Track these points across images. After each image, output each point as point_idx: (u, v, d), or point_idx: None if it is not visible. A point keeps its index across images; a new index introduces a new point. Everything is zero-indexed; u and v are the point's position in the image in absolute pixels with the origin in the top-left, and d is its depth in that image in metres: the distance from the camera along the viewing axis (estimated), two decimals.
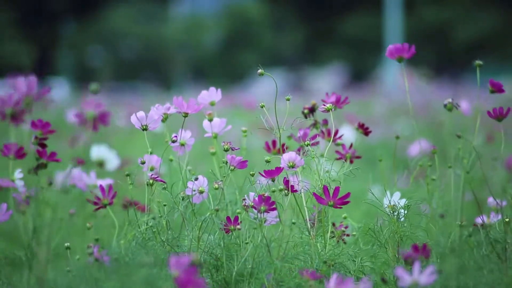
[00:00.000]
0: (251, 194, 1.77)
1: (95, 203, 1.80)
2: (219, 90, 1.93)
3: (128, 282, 1.49)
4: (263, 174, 1.77)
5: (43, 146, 1.81)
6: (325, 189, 1.73)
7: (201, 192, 1.79)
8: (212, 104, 1.93)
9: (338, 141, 1.95)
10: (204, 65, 26.45)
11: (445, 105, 1.87)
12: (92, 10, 27.09)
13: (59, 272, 1.62)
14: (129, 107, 8.11)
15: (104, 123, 1.65)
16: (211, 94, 1.93)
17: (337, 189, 1.73)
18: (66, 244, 1.81)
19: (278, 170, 1.77)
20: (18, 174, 1.87)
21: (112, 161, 2.61)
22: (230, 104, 8.02)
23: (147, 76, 25.61)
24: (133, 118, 1.81)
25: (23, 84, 1.66)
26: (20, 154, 1.82)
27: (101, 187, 1.81)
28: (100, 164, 2.60)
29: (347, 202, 1.73)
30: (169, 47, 26.10)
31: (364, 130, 2.00)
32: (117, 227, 1.75)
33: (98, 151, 2.60)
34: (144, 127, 1.81)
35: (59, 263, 2.05)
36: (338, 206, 1.73)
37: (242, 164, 1.81)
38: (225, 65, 26.20)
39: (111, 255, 1.66)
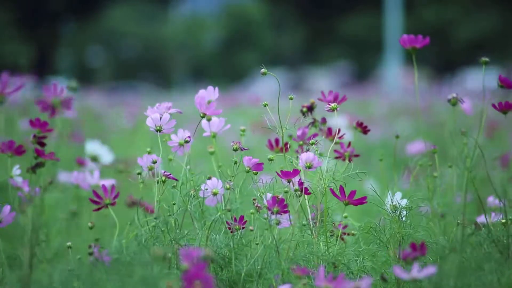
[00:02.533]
0: (268, 194, 1.76)
1: (96, 203, 1.79)
2: (216, 88, 1.94)
3: (129, 281, 1.48)
4: (280, 174, 1.76)
5: (42, 144, 1.81)
6: (341, 189, 1.74)
7: (215, 194, 1.79)
8: (209, 102, 1.93)
9: (337, 139, 1.95)
10: (204, 65, 26.45)
11: (449, 100, 1.87)
12: (92, 10, 27.09)
13: (59, 271, 1.62)
14: (129, 107, 8.11)
15: (67, 109, 1.65)
16: (209, 93, 1.93)
17: (353, 192, 1.74)
18: (67, 244, 1.80)
19: (296, 172, 1.76)
20: (16, 171, 1.86)
21: (105, 156, 2.60)
22: (230, 104, 8.01)
23: (147, 76, 25.61)
24: (148, 121, 1.81)
25: None
26: (19, 151, 1.82)
27: (104, 187, 1.80)
28: (94, 159, 2.59)
29: (363, 203, 1.74)
30: (169, 47, 26.10)
31: (362, 128, 1.99)
32: (118, 226, 1.74)
33: (92, 147, 2.60)
34: (158, 128, 1.82)
35: (59, 262, 2.05)
36: (354, 205, 1.74)
37: (258, 166, 1.80)
38: (225, 65, 26.20)
39: (112, 255, 1.65)
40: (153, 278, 1.47)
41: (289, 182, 1.77)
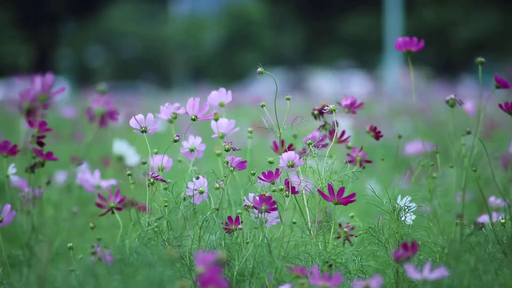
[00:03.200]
0: (251, 194, 1.76)
1: (101, 206, 1.77)
2: (229, 91, 1.92)
3: (132, 282, 1.48)
4: (262, 177, 1.76)
5: (41, 144, 1.80)
6: (330, 187, 1.73)
7: (201, 193, 1.79)
8: (221, 105, 1.92)
9: (349, 144, 1.95)
10: (204, 65, 26.46)
11: (447, 101, 1.86)
12: (92, 10, 27.09)
13: (60, 271, 1.62)
14: (129, 107, 8.11)
15: (112, 120, 1.64)
16: (221, 95, 1.92)
17: (342, 189, 1.73)
18: (69, 244, 1.80)
19: (277, 173, 1.76)
20: (11, 170, 1.86)
21: (132, 156, 2.59)
22: (230, 104, 7.98)
23: (147, 76, 25.61)
24: (132, 121, 1.80)
25: (40, 81, 1.66)
26: (13, 151, 1.81)
27: (110, 191, 1.78)
28: (120, 159, 2.58)
29: (352, 201, 1.73)
30: (169, 47, 26.10)
31: (376, 133, 1.99)
32: (121, 227, 1.74)
33: (119, 147, 2.58)
34: (143, 129, 1.80)
35: (59, 262, 2.05)
36: (343, 204, 1.73)
37: (241, 164, 1.80)
38: (225, 65, 26.20)
39: (114, 255, 1.65)
40: (160, 280, 1.47)
41: (272, 183, 1.77)
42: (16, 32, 24.71)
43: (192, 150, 1.85)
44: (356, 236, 1.89)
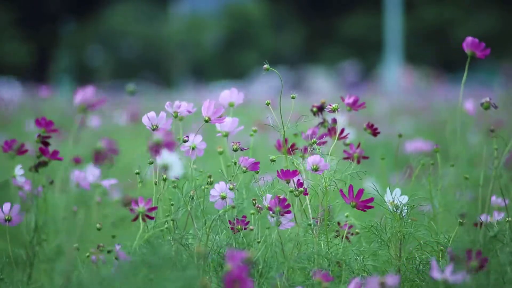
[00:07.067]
0: (268, 196, 1.75)
1: (132, 211, 1.72)
2: (241, 92, 1.93)
3: (157, 281, 1.49)
4: (280, 175, 1.76)
5: (46, 144, 1.81)
6: (350, 188, 1.73)
7: (223, 198, 1.79)
8: (231, 105, 1.93)
9: (347, 141, 1.95)
10: (204, 65, 26.45)
11: (481, 104, 1.90)
12: (92, 10, 27.09)
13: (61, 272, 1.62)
14: (130, 106, 8.11)
15: (170, 150, 1.65)
16: (232, 95, 1.92)
17: (360, 191, 1.73)
18: (75, 245, 1.81)
19: (295, 172, 1.76)
20: (18, 171, 1.86)
21: (176, 167, 2.59)
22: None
23: (147, 75, 25.60)
24: (144, 119, 1.80)
25: (83, 92, 1.68)
26: (21, 150, 1.82)
27: (141, 199, 1.73)
28: (165, 168, 2.58)
29: (370, 207, 1.73)
30: (169, 47, 26.09)
31: (372, 130, 2.00)
32: (125, 226, 1.74)
33: (166, 155, 2.59)
34: (154, 127, 1.81)
35: (60, 262, 2.05)
36: (360, 208, 1.74)
37: (254, 165, 1.80)
38: (225, 64, 26.19)
39: (130, 255, 1.64)
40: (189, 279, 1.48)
41: (287, 182, 1.77)
42: (16, 32, 24.69)
43: (193, 149, 1.85)
44: (353, 234, 1.90)
